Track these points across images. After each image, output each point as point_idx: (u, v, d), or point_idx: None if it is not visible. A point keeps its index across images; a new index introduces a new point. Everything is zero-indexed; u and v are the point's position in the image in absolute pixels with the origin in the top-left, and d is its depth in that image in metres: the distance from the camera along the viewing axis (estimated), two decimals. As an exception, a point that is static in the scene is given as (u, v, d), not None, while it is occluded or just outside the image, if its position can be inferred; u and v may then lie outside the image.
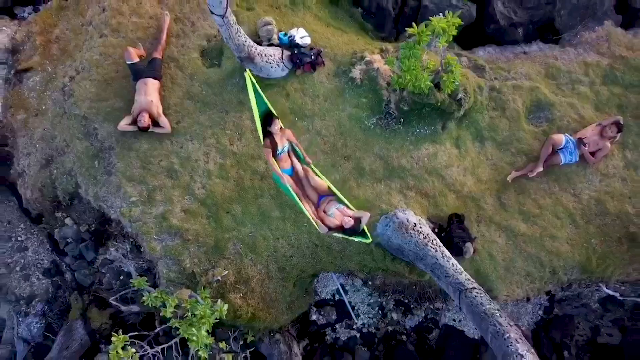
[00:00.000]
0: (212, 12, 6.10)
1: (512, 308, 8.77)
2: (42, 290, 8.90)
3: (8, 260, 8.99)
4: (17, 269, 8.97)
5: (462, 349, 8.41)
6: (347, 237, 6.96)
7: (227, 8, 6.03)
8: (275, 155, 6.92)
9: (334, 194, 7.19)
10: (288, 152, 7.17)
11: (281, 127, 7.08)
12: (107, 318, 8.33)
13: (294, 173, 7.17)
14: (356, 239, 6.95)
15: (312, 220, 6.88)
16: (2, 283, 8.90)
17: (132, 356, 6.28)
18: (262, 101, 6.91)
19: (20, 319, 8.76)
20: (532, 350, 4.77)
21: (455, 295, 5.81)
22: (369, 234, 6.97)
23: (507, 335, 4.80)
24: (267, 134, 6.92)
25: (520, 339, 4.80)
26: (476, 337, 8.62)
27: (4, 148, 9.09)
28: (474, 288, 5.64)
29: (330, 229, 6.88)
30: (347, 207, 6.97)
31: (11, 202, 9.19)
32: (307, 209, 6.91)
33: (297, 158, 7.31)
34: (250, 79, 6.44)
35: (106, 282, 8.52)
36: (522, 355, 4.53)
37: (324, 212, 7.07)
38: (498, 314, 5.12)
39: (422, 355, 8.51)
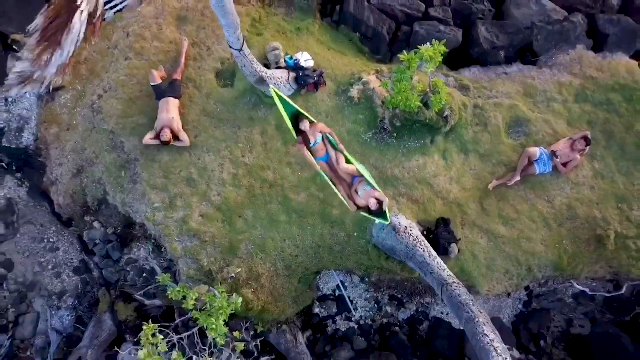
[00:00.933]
0: (231, 47, 7.02)
1: (494, 302, 9.70)
2: (72, 286, 9.81)
3: (41, 260, 9.89)
4: (49, 267, 9.88)
5: (449, 339, 9.30)
6: (371, 216, 7.73)
7: (243, 43, 6.95)
8: (309, 147, 7.68)
9: (362, 177, 7.93)
10: (323, 141, 7.90)
11: (311, 123, 7.81)
12: (132, 311, 9.22)
13: (328, 159, 7.94)
14: (377, 220, 7.68)
15: (344, 200, 7.65)
16: (36, 280, 9.81)
17: (160, 342, 7.17)
18: (289, 105, 7.64)
19: (53, 312, 9.66)
20: (496, 332, 5.68)
21: (438, 288, 6.73)
22: (388, 216, 7.71)
23: (477, 319, 5.71)
24: (299, 131, 7.70)
25: (487, 322, 5.72)
26: (461, 328, 9.53)
27: (38, 159, 10.03)
28: (454, 282, 6.56)
29: (358, 207, 7.69)
30: (374, 187, 7.76)
31: (43, 206, 10.07)
32: (340, 190, 7.68)
33: (330, 145, 8.02)
34: (276, 91, 7.23)
35: (130, 279, 9.42)
36: (486, 335, 5.44)
37: (355, 191, 7.83)
38: (471, 303, 6.04)
39: (413, 344, 9.41)
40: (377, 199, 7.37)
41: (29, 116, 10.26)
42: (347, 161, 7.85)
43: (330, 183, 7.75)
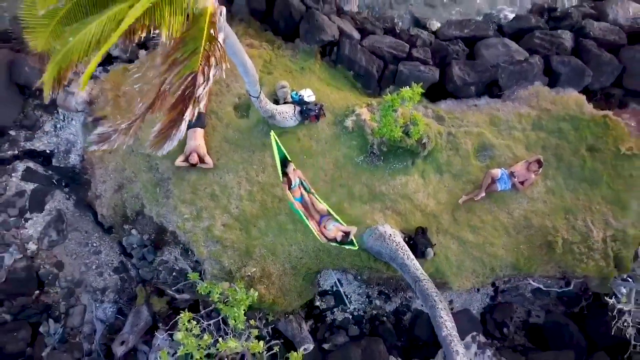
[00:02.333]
0: (250, 95, 8.78)
1: (466, 296, 11.43)
2: (113, 283, 11.54)
3: (86, 261, 11.63)
4: (94, 267, 11.61)
5: (427, 327, 10.99)
6: (340, 245, 9.56)
7: (260, 92, 8.71)
8: (290, 188, 9.53)
9: (331, 215, 9.80)
10: (299, 185, 9.77)
11: (294, 169, 9.66)
12: (165, 304, 10.94)
13: (302, 200, 9.78)
14: (346, 247, 9.56)
15: (316, 234, 9.49)
16: (83, 278, 11.55)
17: (194, 327, 8.91)
18: (281, 151, 9.48)
19: (97, 305, 11.39)
20: (450, 315, 7.43)
21: (413, 283, 8.47)
22: (355, 243, 9.57)
23: (437, 306, 7.45)
24: (285, 173, 9.53)
25: (445, 308, 7.45)
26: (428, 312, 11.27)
27: (84, 176, 11.80)
28: (424, 279, 8.30)
29: (328, 239, 9.50)
30: (340, 223, 9.59)
31: (88, 216, 11.81)
32: (312, 226, 9.52)
33: (304, 189, 9.89)
34: (275, 138, 9.05)
35: (162, 277, 11.15)
36: (442, 317, 7.18)
37: (324, 227, 9.68)
38: (435, 295, 7.77)
39: (397, 331, 11.13)
40: (343, 232, 9.19)
41: (75, 140, 12.08)
42: (319, 201, 9.71)
43: (304, 219, 9.46)
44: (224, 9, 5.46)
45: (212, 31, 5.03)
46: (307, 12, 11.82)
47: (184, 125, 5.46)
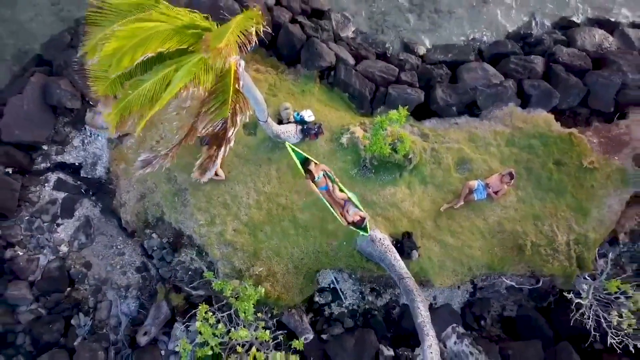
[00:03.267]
0: (258, 119, 10.12)
1: (448, 293, 12.73)
2: (135, 281, 12.84)
3: (111, 262, 12.93)
4: (118, 267, 12.92)
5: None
6: (356, 229, 10.74)
7: (267, 117, 10.06)
8: (314, 181, 10.71)
9: (351, 201, 10.99)
10: (324, 176, 10.89)
11: (316, 164, 10.69)
12: (182, 299, 12.27)
13: (327, 189, 10.93)
14: (360, 232, 10.74)
15: (338, 217, 10.66)
16: (108, 277, 12.85)
17: (210, 317, 10.24)
18: (299, 155, 10.70)
19: (121, 301, 12.70)
20: (426, 306, 8.74)
21: (398, 281, 9.81)
22: (369, 229, 10.78)
23: (416, 298, 8.80)
24: (307, 170, 10.71)
25: (422, 301, 8.78)
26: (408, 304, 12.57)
27: (109, 186, 13.14)
28: (408, 277, 9.65)
29: (348, 223, 10.72)
30: (359, 209, 10.82)
31: (113, 222, 13.11)
32: (335, 211, 10.70)
33: (329, 180, 11.06)
34: (290, 146, 10.36)
35: (179, 276, 12.47)
36: (419, 308, 8.51)
37: (347, 211, 10.88)
38: (415, 290, 9.10)
39: (387, 324, 12.42)
40: (361, 216, 10.48)
41: (101, 154, 13.41)
42: (341, 190, 10.96)
43: (328, 205, 10.82)
44: (242, 62, 6.80)
45: (236, 85, 6.37)
46: (308, 40, 13.17)
47: (219, 160, 6.82)
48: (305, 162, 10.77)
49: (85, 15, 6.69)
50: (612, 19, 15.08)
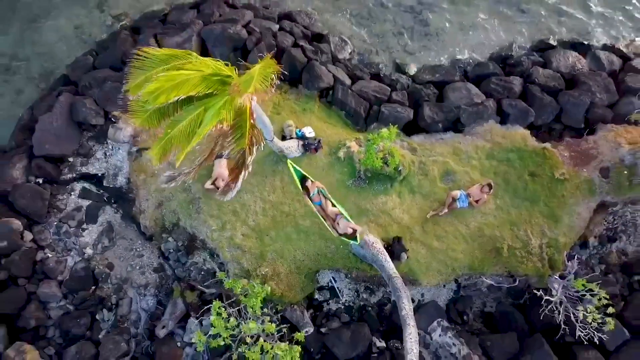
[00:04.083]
0: (265, 138, 11.38)
1: (434, 291, 13.96)
2: (153, 280, 14.08)
3: (131, 263, 14.17)
4: (137, 267, 14.17)
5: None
6: (346, 239, 12.01)
7: (273, 136, 11.34)
8: (310, 197, 11.98)
9: (343, 215, 12.23)
10: (318, 193, 12.17)
11: (312, 181, 12.02)
12: (196, 297, 13.52)
13: (321, 204, 12.18)
14: (351, 241, 11.98)
15: (330, 229, 11.90)
16: (129, 276, 14.07)
17: (223, 312, 11.49)
18: (298, 172, 11.97)
19: (141, 298, 13.94)
20: (410, 301, 9.97)
21: (387, 279, 11.08)
22: (359, 239, 12.03)
23: (401, 295, 10.06)
24: (304, 187, 12.00)
25: (407, 297, 10.04)
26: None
27: (129, 195, 14.40)
28: (396, 277, 10.92)
29: (339, 234, 11.96)
30: (350, 221, 12.07)
31: (132, 227, 14.37)
32: (328, 224, 11.93)
33: (323, 196, 12.29)
34: (291, 164, 11.64)
35: (193, 276, 13.73)
36: (404, 302, 9.78)
37: (337, 224, 12.14)
38: (401, 287, 10.36)
39: (379, 318, 13.63)
40: (352, 228, 11.76)
41: (122, 166, 14.68)
42: (333, 205, 12.23)
43: (321, 219, 12.05)
44: (255, 98, 8.08)
45: (251, 120, 7.67)
46: (308, 63, 14.47)
47: (239, 183, 8.09)
48: (303, 179, 12.08)
49: (131, 60, 7.97)
50: (586, 42, 16.36)
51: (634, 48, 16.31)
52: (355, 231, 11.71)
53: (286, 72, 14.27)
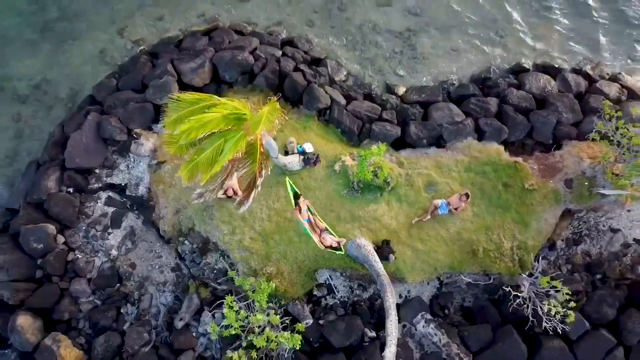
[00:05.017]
0: (270, 155, 13.03)
1: (419, 287, 15.54)
2: (171, 278, 15.68)
3: (151, 263, 15.77)
4: (157, 267, 15.77)
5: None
6: (332, 251, 13.71)
7: (278, 154, 12.99)
8: (300, 213, 13.66)
9: (328, 230, 13.94)
10: (306, 210, 13.86)
11: (303, 199, 13.74)
12: (209, 293, 15.12)
13: (309, 220, 13.88)
14: (337, 252, 13.71)
15: (317, 243, 13.60)
16: (149, 275, 15.66)
17: (235, 305, 13.11)
18: (293, 189, 13.66)
19: (160, 294, 15.54)
20: (393, 295, 11.60)
21: (376, 277, 12.71)
22: (343, 251, 13.74)
23: (387, 290, 11.70)
24: (296, 203, 13.67)
25: (391, 292, 11.68)
26: (399, 303, 15.47)
27: (149, 203, 16.03)
28: (383, 275, 12.55)
29: (325, 247, 13.63)
30: (334, 236, 13.73)
31: (152, 231, 15.96)
32: (315, 238, 13.64)
33: (310, 213, 14.00)
34: (289, 181, 13.29)
35: (206, 274, 15.34)
36: (387, 295, 11.41)
37: (324, 238, 13.81)
38: (387, 284, 11.97)
39: (371, 312, 15.19)
40: (336, 242, 13.38)
41: (143, 177, 16.29)
42: (320, 221, 13.87)
43: (310, 234, 13.62)
44: (266, 133, 9.72)
45: (261, 149, 9.31)
46: (308, 86, 16.11)
47: (251, 200, 9.74)
48: (296, 196, 13.74)
49: (167, 102, 9.63)
50: (556, 65, 18.01)
51: (599, 71, 17.95)
52: (339, 244, 13.34)
53: (288, 96, 15.98)
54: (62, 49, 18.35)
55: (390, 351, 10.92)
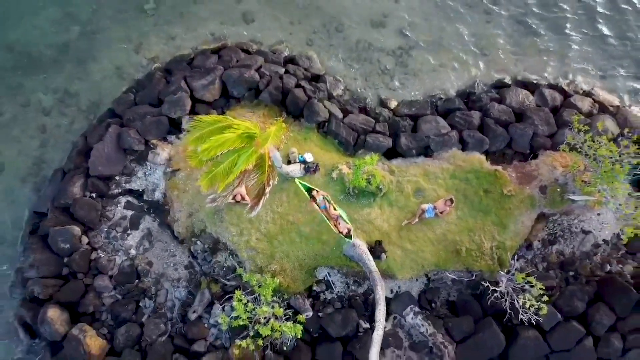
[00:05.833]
0: (275, 166, 14.49)
1: (409, 283, 16.99)
2: (184, 275, 17.10)
3: (167, 261, 17.19)
4: (171, 265, 17.20)
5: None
6: (344, 237, 15.02)
7: (282, 164, 14.45)
8: (316, 202, 14.97)
9: (342, 217, 15.26)
10: (323, 199, 15.14)
11: (317, 191, 14.99)
12: (219, 288, 16.58)
13: (326, 207, 15.12)
14: (347, 239, 14.99)
15: (333, 228, 14.82)
16: (164, 272, 17.10)
17: (243, 299, 14.56)
18: (305, 186, 14.96)
19: (175, 289, 16.97)
20: (383, 290, 13.09)
21: (369, 274, 14.17)
22: (353, 237, 15.00)
23: (377, 284, 13.16)
24: (311, 196, 15.00)
25: (381, 286, 13.15)
26: (390, 297, 16.91)
27: (165, 207, 17.48)
28: (375, 272, 14.01)
29: (339, 232, 14.91)
30: (347, 223, 15.08)
31: (167, 232, 17.37)
32: (331, 224, 14.90)
33: (327, 202, 15.30)
34: (299, 181, 14.63)
35: (217, 271, 16.78)
36: (378, 288, 12.90)
37: (339, 224, 15.14)
38: (378, 280, 13.43)
39: (365, 305, 16.62)
40: (348, 229, 14.82)
41: (158, 183, 17.73)
42: (335, 209, 15.29)
43: (326, 220, 15.05)
44: (273, 147, 11.18)
45: (269, 162, 10.77)
46: (308, 101, 17.56)
47: (260, 206, 11.21)
48: (309, 190, 15.15)
49: (191, 123, 11.12)
50: (535, 81, 19.47)
51: (573, 86, 19.43)
52: (349, 231, 14.73)
53: (290, 110, 17.48)
54: (83, 65, 19.72)
55: (378, 334, 12.46)
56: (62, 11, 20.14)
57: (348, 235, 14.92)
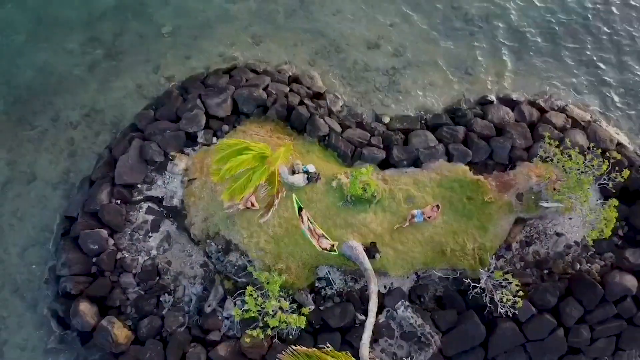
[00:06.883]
0: (281, 177, 16.21)
1: (400, 280, 18.62)
2: (200, 273, 18.70)
3: (184, 261, 18.82)
4: (188, 264, 18.85)
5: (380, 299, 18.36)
6: (328, 251, 16.85)
7: (288, 175, 16.17)
8: (303, 222, 16.82)
9: (324, 236, 17.12)
10: (307, 220, 17.00)
11: (305, 212, 16.96)
12: (231, 285, 18.25)
13: (309, 227, 16.97)
14: (332, 253, 16.83)
15: (316, 246, 16.72)
16: (182, 270, 18.71)
17: (254, 294, 16.25)
18: (298, 204, 16.78)
19: (191, 285, 18.64)
20: (376, 284, 14.85)
21: (364, 272, 15.90)
22: (336, 252, 16.89)
23: (371, 281, 14.88)
24: (300, 215, 16.83)
25: (374, 282, 14.85)
26: (383, 293, 18.60)
27: (183, 212, 19.19)
28: (369, 269, 15.71)
29: (322, 248, 16.75)
30: (329, 240, 16.89)
31: (184, 235, 19.02)
32: (314, 241, 16.76)
33: (310, 222, 17.16)
34: (295, 198, 16.42)
35: (229, 269, 18.47)
36: (371, 285, 14.59)
37: (321, 242, 16.95)
38: (372, 277, 15.16)
39: (362, 300, 18.24)
40: (331, 244, 16.52)
41: (177, 191, 19.41)
42: (317, 229, 17.00)
43: (310, 238, 16.74)
44: (282, 165, 12.94)
45: (278, 177, 12.51)
46: (310, 117, 19.27)
47: (270, 214, 12.94)
48: (300, 209, 16.91)
49: (216, 145, 12.88)
50: (514, 98, 21.21)
51: (550, 103, 21.19)
52: (332, 246, 16.49)
53: (295, 125, 19.26)
54: (107, 84, 21.46)
55: (370, 322, 14.28)
56: (88, 35, 21.89)
57: (332, 250, 16.61)
